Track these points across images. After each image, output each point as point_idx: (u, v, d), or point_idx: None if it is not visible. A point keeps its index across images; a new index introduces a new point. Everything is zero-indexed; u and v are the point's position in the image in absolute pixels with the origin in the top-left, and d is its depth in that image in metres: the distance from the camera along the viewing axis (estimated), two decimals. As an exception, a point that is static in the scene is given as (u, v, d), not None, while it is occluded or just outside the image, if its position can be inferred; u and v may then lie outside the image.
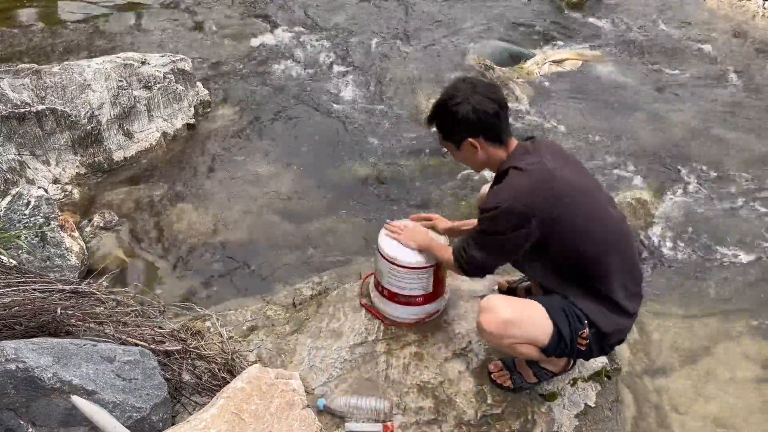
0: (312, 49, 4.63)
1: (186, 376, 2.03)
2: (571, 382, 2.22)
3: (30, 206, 2.81)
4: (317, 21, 4.98)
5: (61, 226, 2.82)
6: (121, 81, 3.47)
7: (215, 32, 4.80)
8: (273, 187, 3.38)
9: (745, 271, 2.99)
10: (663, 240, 3.13)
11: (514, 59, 4.63)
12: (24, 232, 2.68)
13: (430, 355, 2.25)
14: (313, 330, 2.36)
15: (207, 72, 4.27)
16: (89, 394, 1.67)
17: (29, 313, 1.90)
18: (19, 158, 3.15)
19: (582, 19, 5.20)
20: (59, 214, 2.89)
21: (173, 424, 1.78)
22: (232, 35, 4.78)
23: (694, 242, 3.12)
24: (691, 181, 3.50)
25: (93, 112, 3.32)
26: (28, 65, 3.42)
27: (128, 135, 3.50)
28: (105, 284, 2.37)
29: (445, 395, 2.13)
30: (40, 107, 3.17)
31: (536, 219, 1.76)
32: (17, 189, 2.94)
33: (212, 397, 1.86)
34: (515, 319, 1.82)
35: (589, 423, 2.17)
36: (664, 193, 3.41)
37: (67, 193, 3.22)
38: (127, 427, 1.66)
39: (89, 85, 3.35)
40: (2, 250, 2.41)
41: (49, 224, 2.78)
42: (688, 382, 2.48)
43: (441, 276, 2.26)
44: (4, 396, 1.62)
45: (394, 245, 2.20)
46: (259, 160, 3.56)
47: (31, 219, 2.77)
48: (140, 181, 3.37)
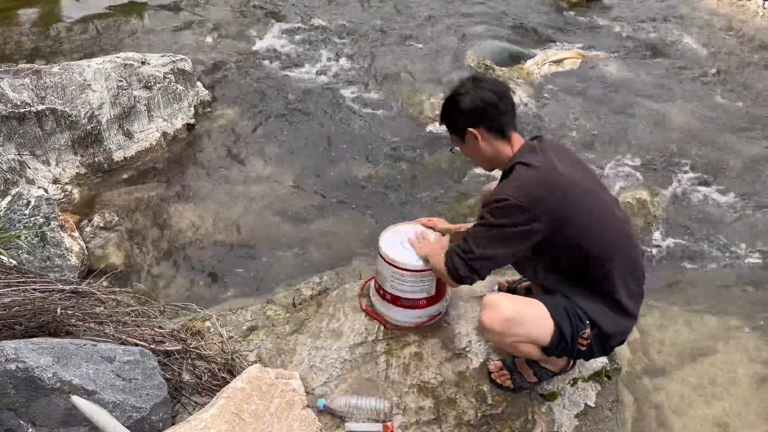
0: (312, 49, 4.63)
1: (186, 376, 2.03)
2: (571, 382, 2.22)
3: (30, 206, 2.81)
4: (317, 21, 4.98)
5: (61, 226, 2.82)
6: (121, 81, 3.47)
7: (215, 32, 4.80)
8: (273, 187, 3.38)
9: (745, 271, 2.99)
10: (663, 240, 3.13)
11: (514, 59, 4.63)
12: (24, 232, 2.68)
13: (430, 355, 2.25)
14: (313, 330, 2.36)
15: (207, 72, 4.27)
16: (89, 394, 1.67)
17: (29, 313, 1.90)
18: (19, 158, 3.15)
19: (582, 19, 5.20)
20: (59, 214, 2.89)
21: (173, 424, 1.78)
22: (232, 35, 4.78)
23: (693, 242, 3.12)
24: (691, 181, 3.50)
25: (93, 112, 3.32)
26: (28, 65, 3.42)
27: (128, 135, 3.50)
28: (105, 284, 2.37)
29: (445, 395, 2.13)
30: (40, 107, 3.17)
31: (544, 218, 1.75)
32: (17, 189, 2.94)
33: (212, 397, 1.86)
34: (517, 317, 1.82)
35: (589, 423, 2.16)
36: (664, 193, 3.41)
37: (67, 193, 3.22)
38: (127, 427, 1.66)
39: (89, 85, 3.35)
40: (2, 250, 2.41)
41: (49, 224, 2.78)
42: (688, 382, 2.48)
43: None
44: (4, 396, 1.62)
45: (396, 248, 2.18)
46: (259, 160, 3.56)
47: (31, 219, 2.77)
48: (140, 181, 3.37)
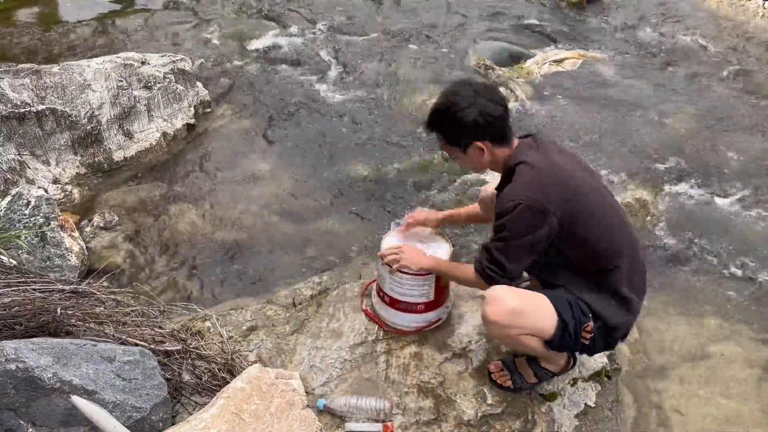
0: (312, 49, 4.63)
1: (186, 376, 2.03)
2: (571, 382, 2.22)
3: (30, 206, 2.81)
4: (317, 21, 4.98)
5: (61, 226, 2.82)
6: (121, 81, 3.47)
7: (215, 32, 4.80)
8: (273, 187, 3.38)
9: (745, 271, 2.98)
10: (663, 240, 3.13)
11: (514, 59, 4.63)
12: (24, 232, 2.68)
13: (430, 355, 2.25)
14: (313, 330, 2.36)
15: (207, 72, 4.27)
16: (89, 394, 1.67)
17: (29, 313, 1.90)
18: (19, 158, 3.15)
19: (582, 18, 5.20)
20: (59, 214, 2.89)
21: (173, 424, 1.78)
22: (232, 35, 4.78)
23: (694, 242, 3.12)
24: (691, 181, 3.50)
25: (93, 112, 3.32)
26: (28, 65, 3.42)
27: (128, 135, 3.50)
28: (105, 284, 2.37)
29: (445, 395, 2.13)
30: (40, 107, 3.17)
31: (555, 215, 1.75)
32: (17, 189, 2.94)
33: (212, 397, 1.86)
34: (520, 309, 1.81)
35: (589, 423, 2.16)
36: (664, 193, 3.41)
37: (67, 193, 3.22)
38: (127, 427, 1.66)
39: (89, 85, 3.35)
40: (2, 250, 2.41)
41: (49, 224, 2.78)
42: (688, 382, 2.48)
43: (444, 284, 2.24)
44: (4, 396, 1.62)
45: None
46: (259, 160, 3.56)
47: (31, 219, 2.77)
48: (140, 181, 3.37)
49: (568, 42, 4.88)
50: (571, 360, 2.14)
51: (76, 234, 2.90)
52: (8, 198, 2.87)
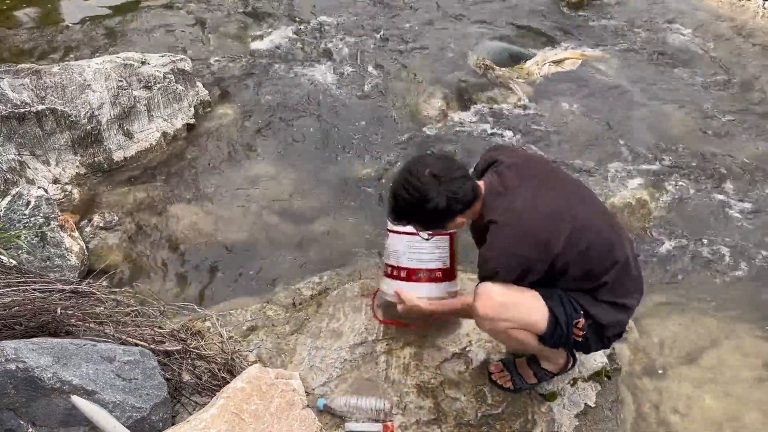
0: (311, 49, 4.63)
1: (186, 376, 2.03)
2: (571, 382, 2.23)
3: (30, 206, 2.81)
4: (317, 21, 4.98)
5: (61, 226, 2.83)
6: (121, 81, 3.47)
7: (215, 32, 4.80)
8: (273, 187, 3.37)
9: (745, 271, 2.98)
10: (663, 240, 3.13)
11: (514, 59, 4.62)
12: (24, 232, 2.69)
13: (430, 355, 2.25)
14: (313, 330, 2.36)
15: (207, 72, 4.27)
16: (89, 394, 1.67)
17: (29, 313, 1.91)
18: (19, 158, 3.15)
19: (582, 18, 5.20)
20: (59, 214, 2.89)
21: (173, 424, 1.78)
22: (232, 35, 4.78)
23: (693, 242, 3.12)
24: (691, 180, 3.49)
25: (93, 112, 3.32)
26: (28, 65, 3.42)
27: (128, 135, 3.50)
28: (105, 284, 2.37)
29: (445, 395, 2.13)
30: (40, 107, 3.17)
31: (535, 267, 1.80)
32: (17, 189, 2.94)
33: (212, 397, 1.86)
34: (510, 302, 1.82)
35: (589, 423, 2.17)
36: (664, 193, 3.40)
37: (67, 193, 3.22)
38: (127, 427, 1.66)
39: (89, 85, 3.35)
40: (2, 250, 2.41)
41: (49, 224, 2.78)
42: (688, 382, 2.48)
43: (455, 250, 2.25)
44: (4, 396, 1.62)
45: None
46: (259, 160, 3.56)
47: (31, 219, 2.78)
48: (140, 181, 3.37)
49: (568, 42, 4.87)
50: (571, 360, 2.15)
51: (76, 234, 2.90)
52: (8, 198, 2.88)
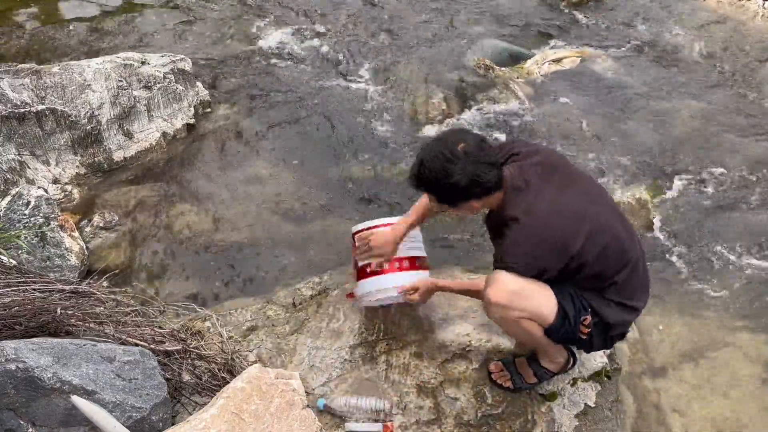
0: (312, 49, 4.63)
1: (186, 376, 2.03)
2: (571, 382, 2.22)
3: (30, 206, 2.81)
4: (317, 21, 4.98)
5: (61, 226, 2.83)
6: (121, 81, 3.47)
7: (215, 32, 4.80)
8: (273, 187, 3.37)
9: (745, 271, 2.98)
10: (663, 240, 3.13)
11: (514, 59, 4.63)
12: (24, 232, 2.69)
13: (430, 355, 2.25)
14: (313, 330, 2.36)
15: (207, 72, 4.27)
16: (89, 394, 1.67)
17: (29, 313, 1.91)
18: (19, 158, 3.15)
19: (582, 18, 5.20)
20: (59, 214, 2.89)
21: (173, 424, 1.78)
22: (232, 35, 4.78)
23: (693, 242, 3.12)
24: (692, 181, 3.49)
25: (93, 112, 3.32)
26: (28, 65, 3.42)
27: (128, 135, 3.50)
28: (105, 284, 2.37)
29: (445, 395, 2.13)
30: (40, 107, 3.17)
31: (552, 267, 1.82)
32: (17, 189, 2.94)
33: (212, 397, 1.86)
34: (522, 291, 1.83)
35: (589, 423, 2.17)
36: (664, 193, 3.40)
37: (67, 193, 3.22)
38: (127, 427, 1.66)
39: (89, 85, 3.35)
40: (2, 250, 2.41)
41: (49, 224, 2.78)
42: (688, 382, 2.48)
43: None
44: (4, 396, 1.62)
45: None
46: (259, 160, 3.56)
47: (31, 219, 2.78)
48: (140, 181, 3.37)
49: (568, 41, 4.87)
50: (571, 360, 2.15)
51: (76, 234, 2.90)
52: (8, 198, 2.88)
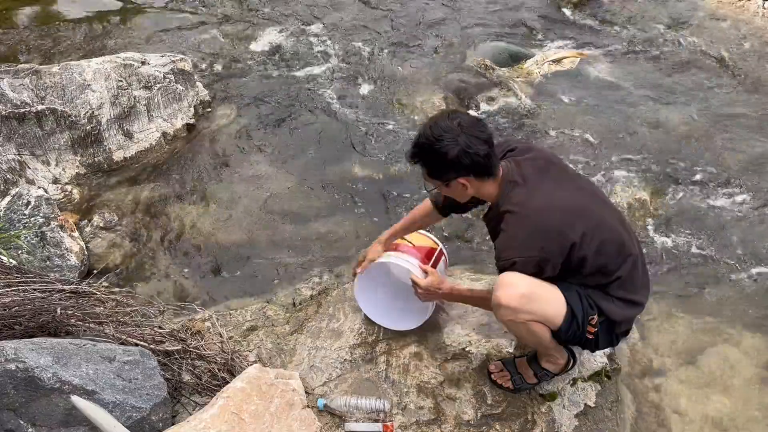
0: (312, 49, 4.63)
1: (186, 376, 2.03)
2: (571, 382, 2.22)
3: (30, 206, 2.81)
4: (317, 21, 4.98)
5: (61, 226, 2.83)
6: (121, 81, 3.47)
7: (216, 32, 4.80)
8: (273, 187, 3.38)
9: (746, 271, 2.98)
10: (663, 240, 3.13)
11: (514, 59, 4.63)
12: (24, 232, 2.69)
13: (430, 355, 2.25)
14: (313, 330, 2.36)
15: (207, 72, 4.27)
16: (89, 394, 1.67)
17: (29, 313, 1.91)
18: (19, 158, 3.15)
19: (582, 18, 5.20)
20: (59, 214, 2.89)
21: (173, 424, 1.78)
22: (232, 35, 4.78)
23: (693, 242, 3.12)
24: (692, 181, 3.49)
25: (93, 112, 3.32)
26: (28, 65, 3.42)
27: (128, 135, 3.50)
28: (105, 284, 2.37)
29: (445, 395, 2.13)
30: (40, 107, 3.17)
31: (552, 258, 1.81)
32: (17, 189, 2.94)
33: (212, 397, 1.86)
34: (532, 294, 1.83)
35: (589, 423, 2.17)
36: (664, 193, 3.40)
37: (67, 193, 3.22)
38: (127, 427, 1.66)
39: (89, 85, 3.35)
40: (2, 250, 2.41)
41: (49, 224, 2.78)
42: (688, 382, 2.48)
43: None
44: (4, 396, 1.62)
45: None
46: (259, 160, 3.56)
47: (31, 219, 2.78)
48: (140, 181, 3.37)
49: (568, 41, 4.88)
50: (571, 360, 2.15)
51: (76, 234, 2.90)
52: (8, 198, 2.88)
